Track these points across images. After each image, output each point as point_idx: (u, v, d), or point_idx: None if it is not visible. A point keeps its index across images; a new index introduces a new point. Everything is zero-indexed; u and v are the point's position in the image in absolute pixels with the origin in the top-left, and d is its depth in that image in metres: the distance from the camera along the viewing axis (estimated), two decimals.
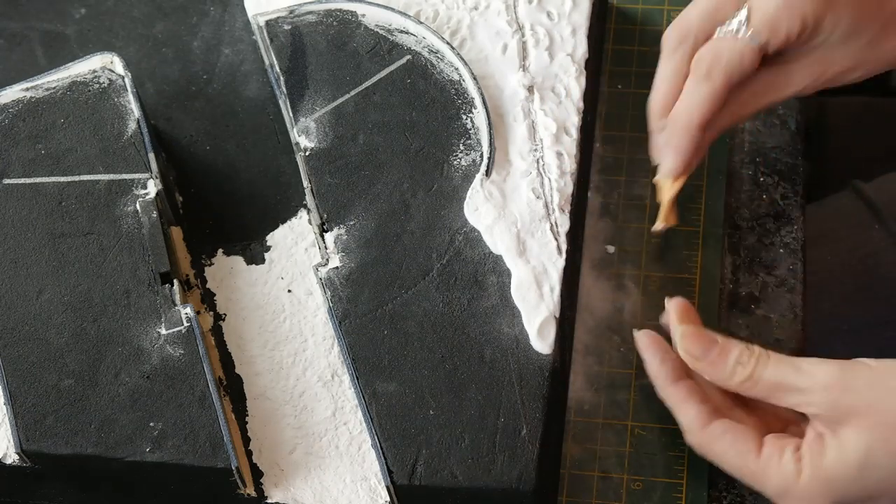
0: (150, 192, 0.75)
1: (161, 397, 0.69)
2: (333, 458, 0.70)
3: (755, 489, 0.67)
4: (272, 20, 0.81)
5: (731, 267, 0.80)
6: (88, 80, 0.78)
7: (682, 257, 0.80)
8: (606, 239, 0.81)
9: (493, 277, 0.72)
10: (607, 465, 0.74)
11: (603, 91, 0.86)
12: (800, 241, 0.81)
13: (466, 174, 0.75)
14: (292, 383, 0.73)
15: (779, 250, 0.81)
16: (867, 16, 0.71)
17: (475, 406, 0.68)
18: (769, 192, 0.83)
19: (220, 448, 0.67)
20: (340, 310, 0.72)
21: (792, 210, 0.82)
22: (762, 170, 0.84)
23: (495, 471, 0.67)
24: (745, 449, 0.66)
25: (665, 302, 0.71)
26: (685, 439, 0.68)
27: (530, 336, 0.70)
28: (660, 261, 0.80)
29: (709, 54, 0.72)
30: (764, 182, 0.83)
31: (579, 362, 0.77)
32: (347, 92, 0.78)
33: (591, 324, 0.78)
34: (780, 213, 0.82)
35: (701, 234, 0.81)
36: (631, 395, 0.76)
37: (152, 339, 0.70)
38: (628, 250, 0.80)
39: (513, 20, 0.81)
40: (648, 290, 0.79)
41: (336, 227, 0.74)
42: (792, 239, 0.81)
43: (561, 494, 0.74)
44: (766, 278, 0.80)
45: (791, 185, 0.83)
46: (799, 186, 0.83)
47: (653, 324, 0.77)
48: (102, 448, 0.68)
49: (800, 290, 0.79)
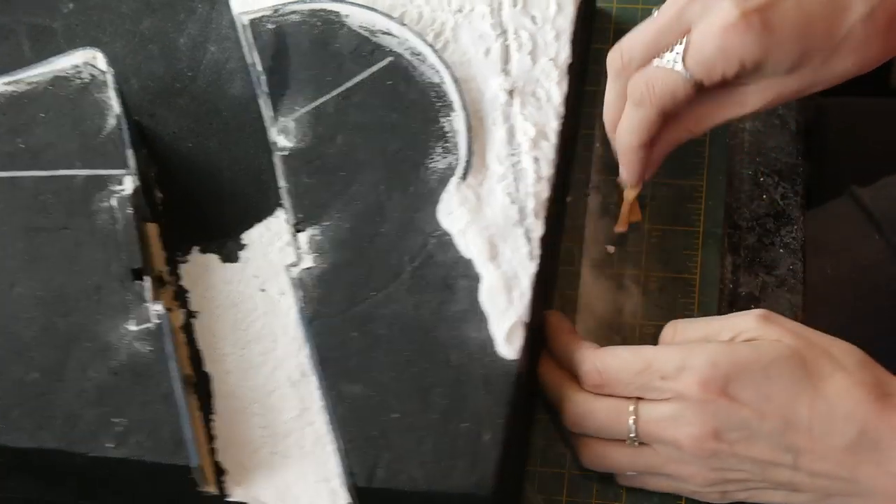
0: (126, 188, 0.75)
1: (127, 394, 0.69)
2: (298, 458, 0.70)
3: (648, 387, 0.69)
4: (256, 19, 0.81)
5: (731, 267, 0.80)
6: (71, 76, 0.79)
7: (682, 257, 0.80)
8: (606, 239, 0.81)
9: (463, 281, 0.72)
10: None
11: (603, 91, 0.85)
12: (800, 241, 0.81)
13: (443, 177, 0.75)
14: (261, 382, 0.73)
15: (779, 250, 0.81)
16: (814, 46, 0.70)
17: (439, 410, 0.68)
18: (769, 192, 0.83)
19: (182, 446, 0.67)
20: (311, 310, 0.71)
21: (792, 210, 0.82)
22: (762, 170, 0.84)
23: (455, 475, 0.66)
24: (634, 349, 0.71)
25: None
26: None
27: (497, 341, 0.70)
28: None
29: (642, 83, 0.72)
30: (764, 182, 0.83)
31: None
32: (328, 92, 0.78)
33: (591, 324, 0.78)
34: (780, 213, 0.82)
35: (701, 234, 0.80)
36: None
37: (121, 335, 0.71)
38: (628, 250, 0.80)
39: (497, 23, 0.80)
40: (648, 290, 0.79)
41: (310, 228, 0.74)
42: (792, 239, 0.81)
43: (561, 494, 0.74)
44: (766, 278, 0.80)
45: (791, 185, 0.83)
46: (799, 186, 0.83)
47: (653, 324, 0.77)
48: (66, 443, 0.68)
49: (800, 290, 0.79)
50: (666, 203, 0.81)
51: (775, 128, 0.85)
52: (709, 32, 0.70)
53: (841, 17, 0.70)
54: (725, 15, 0.69)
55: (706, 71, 0.70)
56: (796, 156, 0.84)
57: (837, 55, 0.70)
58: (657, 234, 0.81)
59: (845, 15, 0.70)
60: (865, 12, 0.70)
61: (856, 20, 0.70)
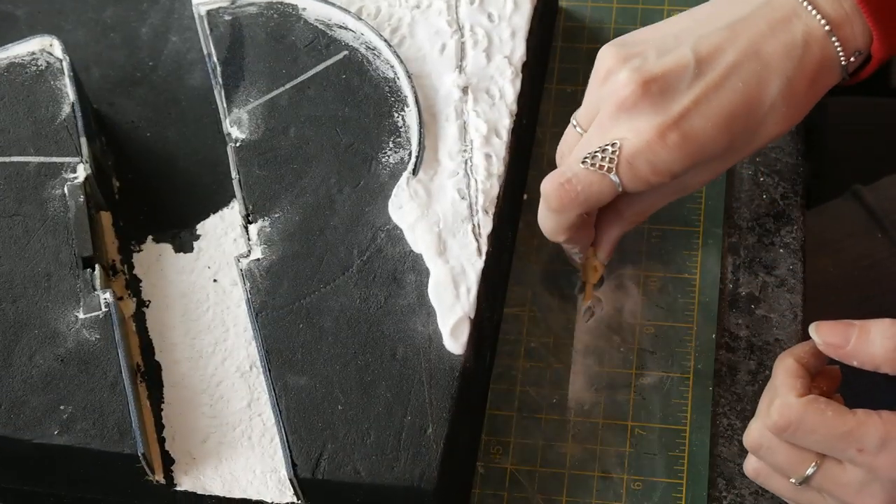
0: (79, 176, 0.75)
1: (73, 381, 0.69)
2: (245, 448, 0.71)
3: (842, 452, 0.65)
4: (213, 10, 0.81)
5: (731, 267, 0.80)
6: (26, 63, 0.79)
7: (682, 257, 0.80)
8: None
9: (411, 276, 0.72)
10: (607, 465, 0.75)
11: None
12: (800, 241, 0.81)
13: (394, 172, 0.75)
14: (210, 372, 0.73)
15: (779, 250, 0.81)
16: (739, 134, 0.69)
17: (383, 403, 0.69)
18: (769, 192, 0.83)
19: (127, 434, 0.68)
20: (258, 301, 0.72)
21: (792, 210, 0.82)
22: (762, 170, 0.84)
23: (398, 468, 0.67)
24: (839, 411, 0.64)
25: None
26: (770, 421, 0.66)
27: (443, 336, 0.70)
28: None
29: (562, 188, 0.70)
30: (764, 182, 0.83)
31: (579, 362, 0.77)
32: (282, 85, 0.79)
33: (592, 324, 0.79)
34: (780, 213, 0.82)
35: (701, 234, 0.81)
36: (631, 395, 0.76)
37: (69, 322, 0.71)
38: (628, 250, 0.81)
39: (453, 20, 0.81)
40: (648, 290, 0.79)
41: (261, 219, 0.75)
42: (792, 239, 0.81)
43: (561, 494, 0.74)
44: (766, 278, 0.80)
45: (791, 185, 0.83)
46: (799, 186, 0.83)
47: (653, 324, 0.78)
48: (11, 429, 0.68)
49: (800, 290, 0.79)
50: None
51: None
52: (636, 150, 0.68)
53: (759, 100, 0.68)
54: (646, 134, 0.68)
55: (637, 184, 0.69)
56: (796, 156, 0.84)
57: (763, 128, 0.69)
58: (657, 234, 0.81)
59: (763, 95, 0.68)
60: (783, 84, 0.68)
61: (775, 95, 0.68)
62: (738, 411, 0.76)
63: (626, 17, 0.89)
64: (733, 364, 0.77)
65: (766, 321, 0.79)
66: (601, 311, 0.78)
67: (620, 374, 0.77)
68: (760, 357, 0.77)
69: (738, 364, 0.77)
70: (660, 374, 0.77)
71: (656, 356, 0.77)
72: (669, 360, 0.77)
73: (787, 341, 0.78)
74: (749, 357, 0.78)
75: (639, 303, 0.79)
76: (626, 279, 0.80)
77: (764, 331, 0.78)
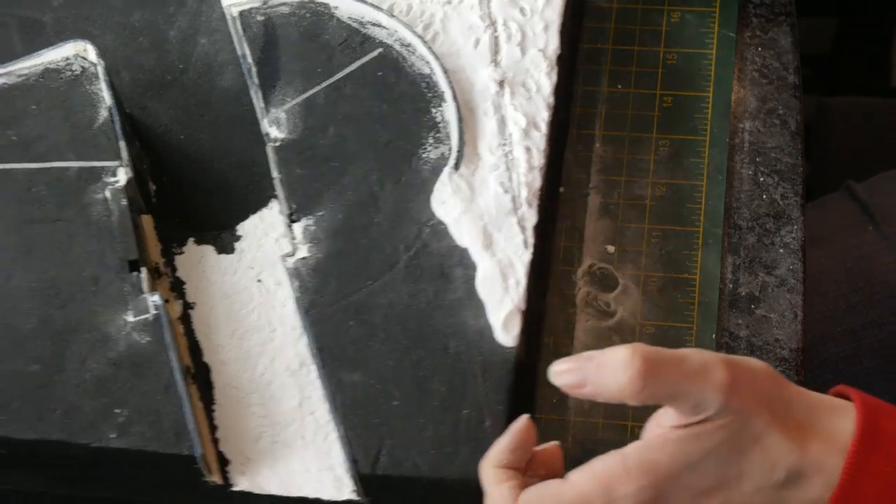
0: (120, 179, 0.75)
1: (127, 384, 0.69)
2: (299, 447, 0.71)
3: None
4: (245, 11, 0.81)
5: (731, 267, 0.81)
6: (61, 68, 0.79)
7: (682, 257, 0.81)
8: (606, 239, 0.82)
9: (459, 270, 0.72)
10: None
11: (603, 91, 0.86)
12: (800, 241, 0.81)
13: (435, 167, 0.75)
14: (259, 372, 0.73)
15: (779, 250, 0.81)
16: None
17: (439, 397, 0.69)
18: (769, 192, 0.83)
19: (184, 435, 0.68)
20: (307, 300, 0.72)
21: (792, 210, 0.82)
22: (762, 170, 0.84)
23: (458, 461, 0.67)
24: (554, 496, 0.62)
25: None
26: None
27: (495, 329, 0.70)
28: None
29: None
30: (764, 182, 0.84)
31: None
32: (318, 84, 0.79)
33: (591, 324, 0.79)
34: (780, 213, 0.82)
35: (701, 234, 0.81)
36: None
37: (119, 326, 0.71)
38: (628, 250, 0.81)
39: (485, 15, 0.81)
40: (648, 290, 0.80)
41: (304, 218, 0.75)
42: (792, 239, 0.81)
43: None
44: (766, 278, 0.80)
45: (791, 185, 0.83)
46: (799, 186, 0.83)
47: (653, 324, 0.78)
48: (67, 434, 0.68)
49: (800, 290, 0.80)
50: (666, 203, 0.82)
51: (775, 128, 0.85)
52: None
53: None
54: None
55: None
56: (796, 156, 0.84)
57: None
58: (657, 234, 0.81)
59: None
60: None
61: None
62: None
63: (626, 18, 0.89)
64: None
65: (766, 321, 0.79)
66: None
67: None
68: (760, 357, 0.77)
69: None
70: None
71: None
72: None
73: (787, 341, 0.78)
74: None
75: (639, 303, 0.79)
76: (626, 279, 0.80)
77: (764, 331, 0.79)
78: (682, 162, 0.83)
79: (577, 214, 0.82)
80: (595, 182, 0.83)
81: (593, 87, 0.86)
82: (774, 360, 0.77)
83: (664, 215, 0.82)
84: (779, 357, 0.77)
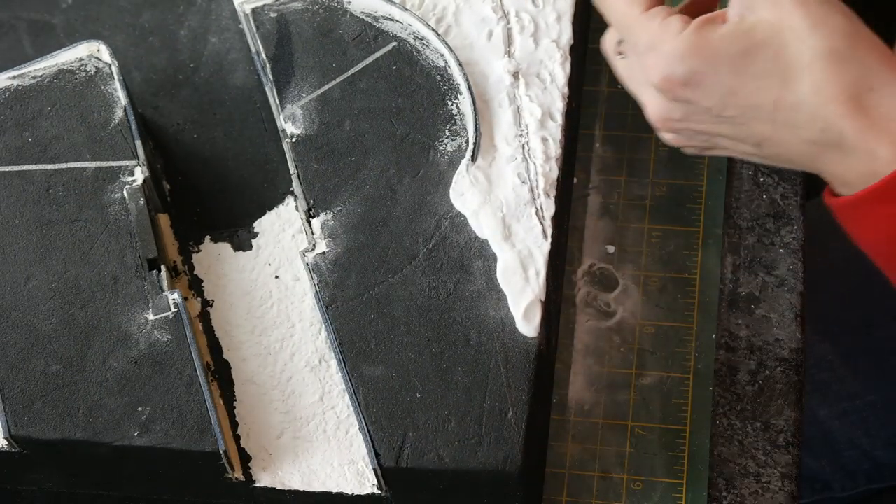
0: (137, 178, 0.75)
1: (149, 382, 0.69)
2: (321, 442, 0.70)
3: (630, 48, 0.66)
4: (258, 8, 0.81)
5: (731, 267, 0.81)
6: (75, 69, 0.79)
7: (682, 257, 0.80)
8: (606, 239, 0.82)
9: (478, 262, 0.72)
10: (607, 465, 0.75)
11: (602, 91, 0.86)
12: (800, 241, 0.81)
13: (452, 159, 0.75)
14: (280, 368, 0.73)
15: (779, 250, 0.81)
16: None
17: (461, 389, 0.69)
18: (769, 192, 0.83)
19: (207, 432, 0.68)
20: (327, 295, 0.72)
21: (792, 210, 0.82)
22: (762, 170, 0.84)
23: (482, 453, 0.67)
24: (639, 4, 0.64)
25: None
26: None
27: (516, 319, 0.70)
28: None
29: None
30: (764, 182, 0.83)
31: (579, 362, 0.78)
32: (333, 79, 0.79)
33: (591, 324, 0.79)
34: (780, 213, 0.82)
35: (701, 234, 0.81)
36: (631, 395, 0.76)
37: (140, 324, 0.71)
38: (628, 250, 0.81)
39: (498, 7, 0.81)
40: (648, 290, 0.79)
41: (322, 213, 0.75)
42: (792, 239, 0.81)
43: (561, 494, 0.74)
44: (766, 278, 0.80)
45: (791, 185, 0.83)
46: (799, 186, 0.83)
47: (653, 324, 0.78)
48: (90, 433, 0.68)
49: (800, 290, 0.80)
50: (666, 203, 0.82)
51: None
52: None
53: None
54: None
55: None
56: None
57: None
58: (657, 234, 0.81)
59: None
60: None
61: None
62: (738, 411, 0.76)
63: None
64: (733, 364, 0.78)
65: (766, 321, 0.79)
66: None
67: (620, 374, 0.77)
68: (760, 357, 0.78)
69: (738, 364, 0.77)
70: (660, 375, 0.77)
71: (656, 356, 0.78)
72: (669, 361, 0.77)
73: (787, 341, 0.78)
74: (749, 357, 0.78)
75: (639, 303, 0.79)
76: (626, 279, 0.80)
77: (764, 331, 0.78)
78: (682, 162, 0.83)
79: (577, 214, 0.82)
80: (595, 182, 0.83)
81: (593, 87, 0.86)
82: (774, 360, 0.77)
83: (664, 215, 0.82)
84: (779, 357, 0.77)
